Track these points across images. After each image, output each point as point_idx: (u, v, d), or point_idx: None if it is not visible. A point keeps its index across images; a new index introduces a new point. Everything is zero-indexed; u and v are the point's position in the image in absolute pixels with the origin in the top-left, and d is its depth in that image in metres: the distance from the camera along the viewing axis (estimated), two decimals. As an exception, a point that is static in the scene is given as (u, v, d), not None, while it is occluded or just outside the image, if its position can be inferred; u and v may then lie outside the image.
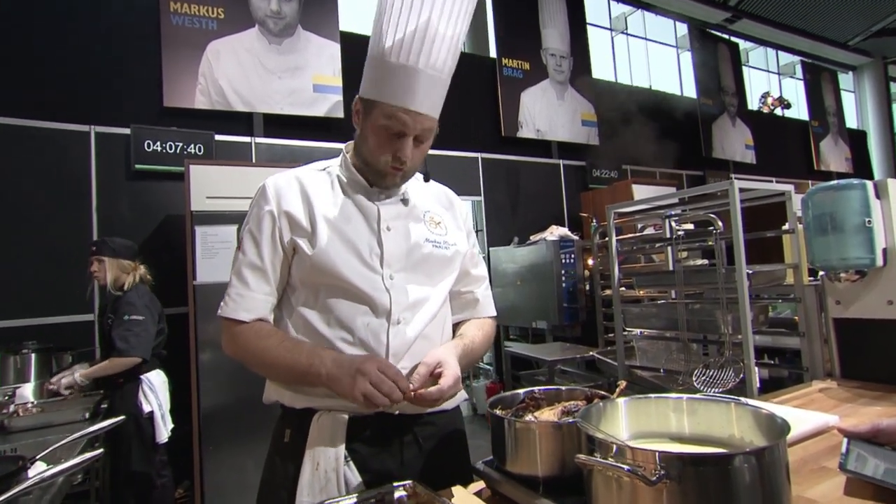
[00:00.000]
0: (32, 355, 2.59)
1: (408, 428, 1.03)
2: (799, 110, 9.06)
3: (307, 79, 4.21)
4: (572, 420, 0.83)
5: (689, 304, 2.00)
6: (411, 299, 1.03)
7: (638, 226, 3.26)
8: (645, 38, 7.49)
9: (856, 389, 1.44)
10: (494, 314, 1.25)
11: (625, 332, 2.31)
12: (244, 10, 4.03)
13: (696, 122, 7.01)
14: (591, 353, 3.16)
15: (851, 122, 9.94)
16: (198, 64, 3.80)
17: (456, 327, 1.18)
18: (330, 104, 4.26)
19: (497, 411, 0.94)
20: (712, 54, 7.47)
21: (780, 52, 9.31)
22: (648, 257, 3.79)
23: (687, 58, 7.47)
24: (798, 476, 0.88)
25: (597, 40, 6.65)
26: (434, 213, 1.14)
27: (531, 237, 4.65)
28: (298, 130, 4.17)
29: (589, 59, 6.14)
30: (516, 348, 4.09)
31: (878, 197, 1.42)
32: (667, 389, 1.97)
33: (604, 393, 0.96)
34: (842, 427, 0.89)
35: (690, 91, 7.36)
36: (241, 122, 3.99)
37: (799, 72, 9.13)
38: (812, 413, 1.17)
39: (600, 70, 6.53)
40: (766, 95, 8.57)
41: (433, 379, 0.94)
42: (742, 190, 1.92)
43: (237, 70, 3.93)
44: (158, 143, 3.54)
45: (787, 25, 8.52)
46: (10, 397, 2.33)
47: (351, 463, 0.97)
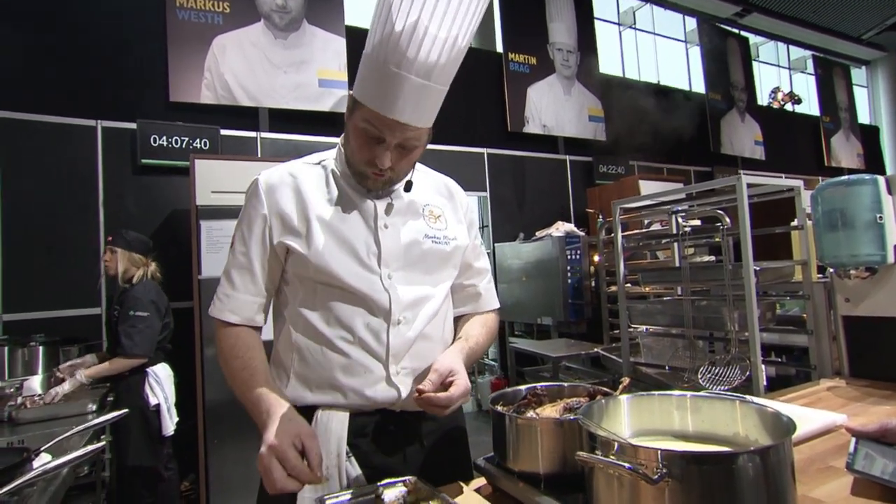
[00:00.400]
0: (40, 348, 2.61)
1: (409, 424, 1.02)
2: (810, 105, 8.94)
3: (313, 73, 4.21)
4: (574, 417, 0.82)
5: (695, 301, 1.98)
6: (411, 298, 1.01)
7: (644, 222, 3.24)
8: (653, 33, 7.42)
9: (865, 388, 1.42)
10: (497, 307, 1.23)
11: (630, 329, 2.29)
12: (250, 5, 4.03)
13: (704, 118, 6.93)
14: (596, 349, 3.14)
15: (864, 118, 9.80)
16: (203, 58, 3.80)
17: (458, 321, 1.17)
18: (335, 99, 4.25)
19: (499, 407, 0.93)
20: (722, 49, 7.39)
21: (791, 47, 9.19)
22: (654, 254, 3.76)
23: (696, 52, 7.38)
24: (804, 475, 0.87)
25: (605, 35, 6.59)
26: (434, 205, 1.11)
27: (537, 233, 4.63)
28: (304, 125, 4.17)
29: (596, 53, 6.08)
30: (521, 344, 4.08)
31: (889, 193, 1.40)
32: (672, 387, 1.95)
33: (606, 390, 0.95)
34: (850, 426, 0.88)
35: (699, 86, 7.28)
36: (247, 116, 3.99)
37: (810, 66, 9.00)
38: (819, 412, 1.16)
39: (608, 65, 6.48)
40: (776, 91, 8.45)
41: (444, 387, 0.92)
42: (750, 185, 1.89)
43: (243, 65, 3.93)
44: (164, 138, 3.55)
45: (799, 19, 8.39)
46: (18, 389, 2.35)
47: (352, 458, 0.97)
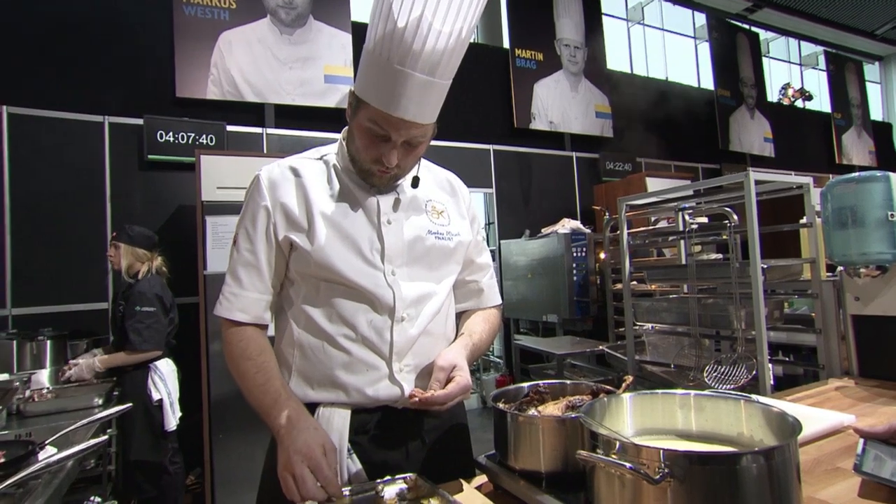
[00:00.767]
0: (48, 342, 2.64)
1: (411, 421, 1.02)
2: (821, 102, 8.82)
3: (318, 69, 4.20)
4: (575, 415, 0.81)
5: (702, 299, 1.96)
6: (415, 295, 1.00)
7: (651, 219, 3.21)
8: (662, 29, 7.34)
9: (874, 388, 1.40)
10: (499, 303, 1.23)
11: (635, 327, 2.27)
12: (256, 1, 4.03)
13: (712, 114, 6.86)
14: (601, 347, 3.12)
15: (877, 115, 9.66)
16: (210, 55, 3.81)
17: (460, 317, 1.16)
18: (341, 95, 4.24)
19: (500, 405, 0.92)
20: (731, 45, 7.30)
21: (802, 43, 9.07)
22: (661, 251, 3.74)
23: (705, 48, 7.30)
24: (811, 476, 0.86)
25: (612, 31, 6.53)
26: (436, 201, 1.10)
27: (543, 230, 4.60)
28: (309, 121, 4.17)
29: (604, 49, 6.03)
30: (526, 342, 4.06)
31: (901, 190, 1.37)
32: (677, 385, 1.93)
33: (609, 388, 0.94)
34: (858, 427, 0.87)
35: (708, 82, 7.20)
36: (253, 112, 4.00)
37: (822, 62, 8.87)
38: (827, 412, 1.14)
39: (616, 61, 6.42)
40: (786, 87, 8.35)
41: (448, 382, 0.93)
42: (758, 182, 1.87)
43: (249, 60, 3.94)
44: (171, 134, 3.56)
45: (811, 14, 8.27)
46: (26, 383, 2.37)
47: (354, 455, 0.97)
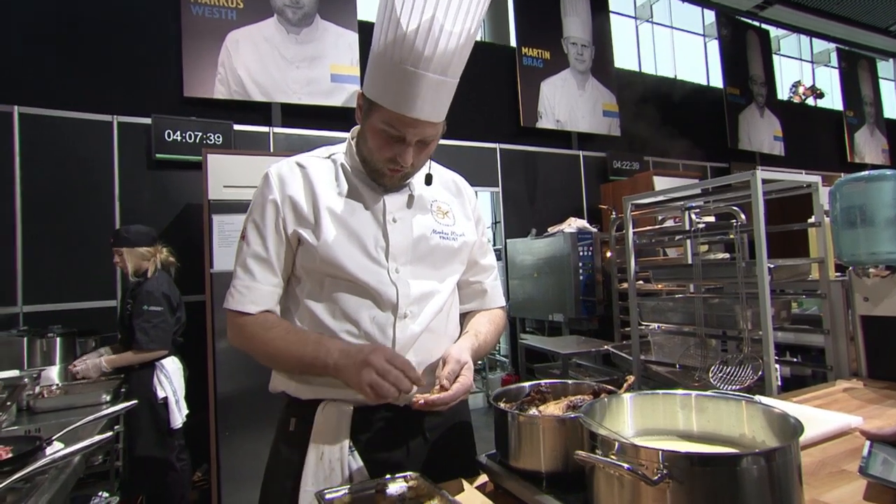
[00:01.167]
0: (58, 339, 2.67)
1: (414, 419, 1.02)
2: (833, 100, 8.70)
3: (325, 68, 4.21)
4: (575, 415, 0.80)
5: (708, 299, 1.94)
6: (418, 293, 1.01)
7: (658, 217, 3.18)
8: (671, 27, 7.28)
9: (883, 390, 1.38)
10: (503, 304, 1.23)
11: (641, 327, 2.26)
12: (263, 0, 4.04)
13: (721, 113, 6.80)
14: (606, 347, 3.11)
15: (890, 112, 9.51)
16: (217, 54, 3.83)
17: (464, 317, 1.16)
18: (347, 94, 4.25)
19: (501, 404, 0.92)
20: (741, 42, 7.22)
21: (814, 39, 8.94)
22: (667, 251, 3.71)
23: (714, 46, 7.23)
24: (815, 479, 0.85)
25: (620, 29, 6.48)
26: (442, 201, 1.11)
27: (549, 229, 4.59)
28: (316, 120, 4.18)
29: (611, 48, 5.99)
30: (532, 341, 4.05)
31: (912, 188, 1.35)
32: (682, 385, 1.92)
33: (611, 388, 0.93)
34: (864, 429, 0.86)
35: (717, 80, 7.13)
36: (260, 111, 4.02)
37: (834, 59, 8.75)
38: (833, 413, 1.13)
39: (623, 59, 6.37)
40: (797, 84, 8.24)
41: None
42: (766, 181, 1.84)
43: (256, 60, 3.96)
44: (178, 133, 3.59)
45: (823, 11, 8.14)
46: (36, 379, 2.40)
47: (355, 452, 0.97)
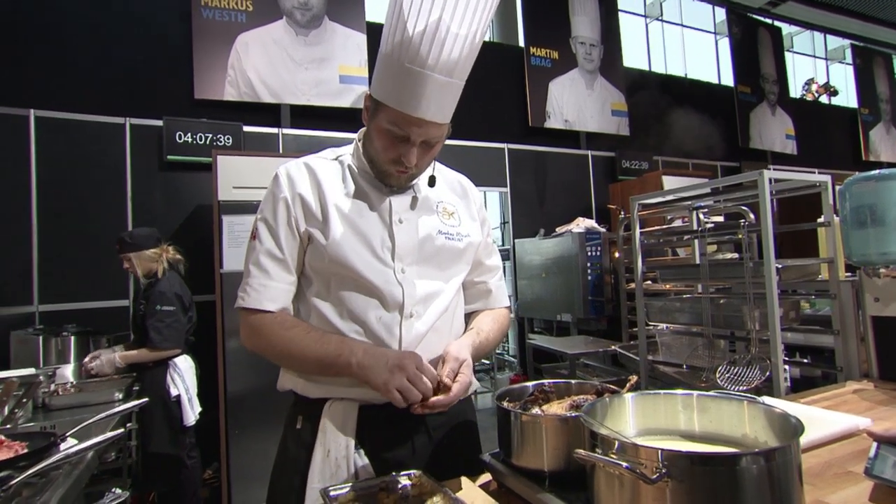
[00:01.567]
0: (72, 338, 2.72)
1: (418, 418, 1.02)
2: (847, 97, 8.56)
3: (334, 70, 4.24)
4: (576, 414, 0.81)
5: (715, 299, 1.93)
6: (423, 293, 1.02)
7: (667, 217, 3.17)
8: (681, 25, 7.21)
9: (894, 392, 1.37)
10: (508, 304, 1.24)
11: (648, 327, 2.25)
12: (272, 3, 4.08)
13: (732, 111, 6.72)
14: (614, 347, 3.10)
15: (906, 110, 9.34)
16: (227, 56, 3.87)
17: (469, 317, 1.17)
18: (356, 95, 4.27)
19: (504, 403, 0.92)
20: (752, 40, 7.14)
21: (828, 36, 8.81)
22: (675, 250, 3.68)
23: (725, 44, 7.15)
24: (820, 480, 0.84)
25: (630, 27, 6.44)
26: (447, 202, 1.12)
27: (557, 229, 4.57)
28: (325, 121, 4.21)
29: (620, 47, 5.96)
30: (539, 341, 4.04)
31: (923, 187, 1.33)
32: (689, 386, 1.91)
33: (615, 388, 0.93)
34: (871, 430, 0.85)
35: (728, 79, 7.05)
36: (269, 113, 4.05)
37: (849, 56, 8.61)
38: (841, 414, 1.12)
39: (633, 58, 6.33)
40: (810, 82, 8.12)
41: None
42: (774, 180, 1.83)
43: (265, 62, 3.99)
44: (189, 135, 3.63)
45: (837, 6, 8.01)
46: (51, 377, 2.45)
47: (361, 450, 0.98)
